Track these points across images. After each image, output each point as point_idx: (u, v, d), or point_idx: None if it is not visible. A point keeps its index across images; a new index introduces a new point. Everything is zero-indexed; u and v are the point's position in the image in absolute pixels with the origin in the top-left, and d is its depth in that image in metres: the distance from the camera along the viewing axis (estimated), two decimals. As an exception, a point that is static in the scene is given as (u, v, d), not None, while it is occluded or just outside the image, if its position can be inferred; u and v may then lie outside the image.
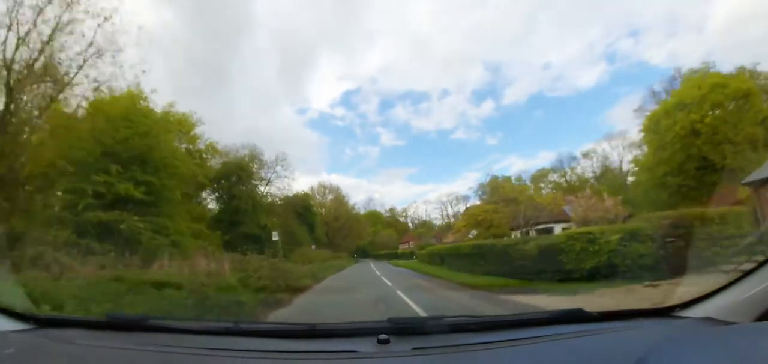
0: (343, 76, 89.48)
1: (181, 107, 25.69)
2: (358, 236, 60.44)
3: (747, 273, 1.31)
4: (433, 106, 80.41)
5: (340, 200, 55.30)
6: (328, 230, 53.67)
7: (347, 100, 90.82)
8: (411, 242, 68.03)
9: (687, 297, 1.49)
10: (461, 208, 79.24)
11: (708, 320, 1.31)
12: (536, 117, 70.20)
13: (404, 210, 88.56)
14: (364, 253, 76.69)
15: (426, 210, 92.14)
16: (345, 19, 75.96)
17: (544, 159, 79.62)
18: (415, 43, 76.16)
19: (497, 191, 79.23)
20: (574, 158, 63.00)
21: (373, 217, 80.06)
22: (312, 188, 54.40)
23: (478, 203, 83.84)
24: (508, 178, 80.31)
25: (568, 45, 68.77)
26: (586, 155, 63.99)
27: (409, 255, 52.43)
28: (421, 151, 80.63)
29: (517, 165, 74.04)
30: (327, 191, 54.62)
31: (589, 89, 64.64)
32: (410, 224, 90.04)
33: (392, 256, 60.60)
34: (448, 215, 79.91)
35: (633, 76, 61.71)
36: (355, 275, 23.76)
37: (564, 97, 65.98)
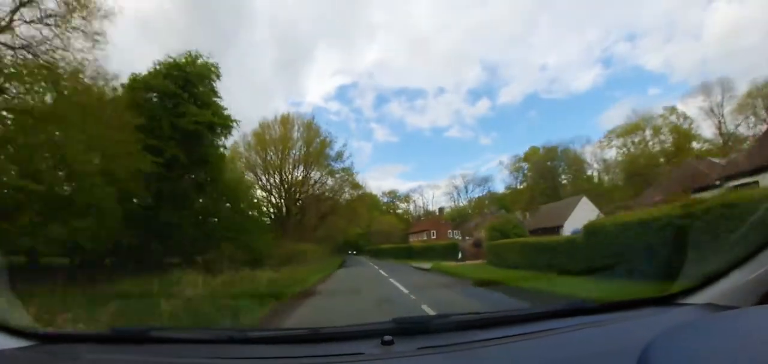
0: (339, 70, 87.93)
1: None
2: (351, 217, 35.08)
3: (746, 258, 1.28)
4: (428, 104, 78.84)
5: (314, 150, 29.24)
6: (288, 201, 28.16)
7: (342, 94, 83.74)
8: (433, 231, 43.25)
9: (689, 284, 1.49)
10: (478, 192, 58.24)
11: (710, 306, 1.33)
12: (530, 118, 68.89)
13: (407, 196, 70.24)
14: (355, 247, 55.60)
15: (433, 196, 77.50)
16: (345, 12, 74.84)
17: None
18: (413, 40, 75.76)
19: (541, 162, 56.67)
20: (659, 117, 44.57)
21: (369, 201, 56.81)
22: (265, 121, 28.65)
23: (503, 190, 61.18)
24: (554, 148, 58.51)
25: (565, 47, 67.83)
26: (672, 111, 44.55)
27: (445, 251, 27.52)
28: (415, 148, 79.00)
29: (501, 170, 72.72)
30: (297, 125, 28.73)
31: (584, 92, 64.34)
32: (412, 213, 69.66)
33: (402, 252, 36.44)
34: (461, 202, 59.82)
35: (628, 81, 62.04)
36: None
37: (559, 99, 65.27)
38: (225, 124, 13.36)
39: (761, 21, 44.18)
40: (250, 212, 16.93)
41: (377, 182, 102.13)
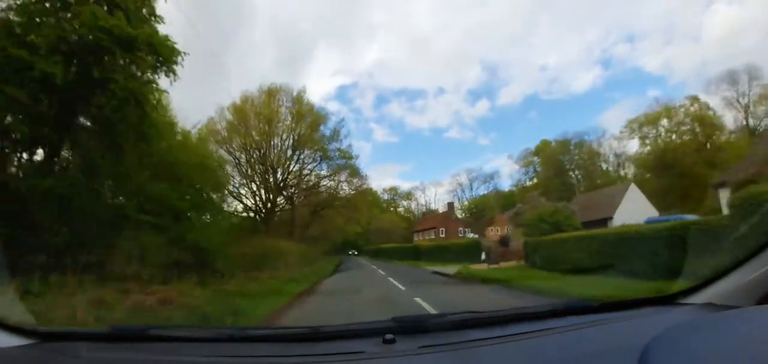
0: (339, 70, 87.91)
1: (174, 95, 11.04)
2: (350, 213, 30.17)
3: (747, 258, 1.28)
4: (428, 104, 79.46)
5: (305, 126, 24.18)
6: (273, 190, 23.07)
7: (342, 94, 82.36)
8: (442, 229, 38.47)
9: (688, 284, 1.48)
10: (483, 190, 54.64)
11: (709, 306, 1.33)
12: (530, 118, 69.66)
13: (408, 193, 66.72)
14: (354, 247, 51.81)
15: (435, 194, 72.25)
16: (345, 12, 74.19)
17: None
18: (413, 40, 75.87)
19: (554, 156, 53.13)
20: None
21: (371, 198, 53.15)
22: (247, 93, 23.68)
23: (509, 187, 56.34)
24: (567, 141, 54.50)
25: (565, 48, 67.88)
26: (694, 100, 40.87)
27: (461, 251, 22.64)
28: (414, 148, 79.82)
29: (509, 165, 71.61)
30: (285, 98, 23.69)
31: (583, 93, 64.31)
32: (414, 211, 66.22)
33: (407, 253, 32.26)
34: (465, 200, 56.77)
35: (627, 82, 61.99)
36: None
37: (558, 100, 65.46)
38: (156, 45, 8.31)
39: (761, 22, 43.50)
40: (210, 195, 11.87)
41: (377, 181, 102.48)
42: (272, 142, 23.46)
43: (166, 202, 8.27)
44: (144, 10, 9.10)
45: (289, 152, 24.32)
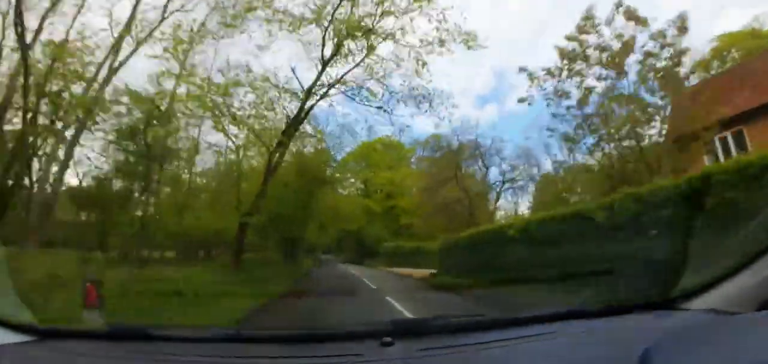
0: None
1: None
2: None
3: (749, 261, 1.21)
4: (435, 107, 55.13)
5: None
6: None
7: (350, 95, 64.63)
8: None
9: (689, 288, 1.46)
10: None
11: (711, 311, 1.28)
12: (538, 123, 32.87)
13: (459, 145, 27.93)
14: (359, 247, 33.96)
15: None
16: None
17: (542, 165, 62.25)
18: (422, 41, 53.11)
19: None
20: None
21: (367, 152, 32.91)
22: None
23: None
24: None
25: None
26: None
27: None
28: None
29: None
30: None
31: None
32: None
33: None
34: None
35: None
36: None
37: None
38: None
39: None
40: None
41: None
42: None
43: None
44: None
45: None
